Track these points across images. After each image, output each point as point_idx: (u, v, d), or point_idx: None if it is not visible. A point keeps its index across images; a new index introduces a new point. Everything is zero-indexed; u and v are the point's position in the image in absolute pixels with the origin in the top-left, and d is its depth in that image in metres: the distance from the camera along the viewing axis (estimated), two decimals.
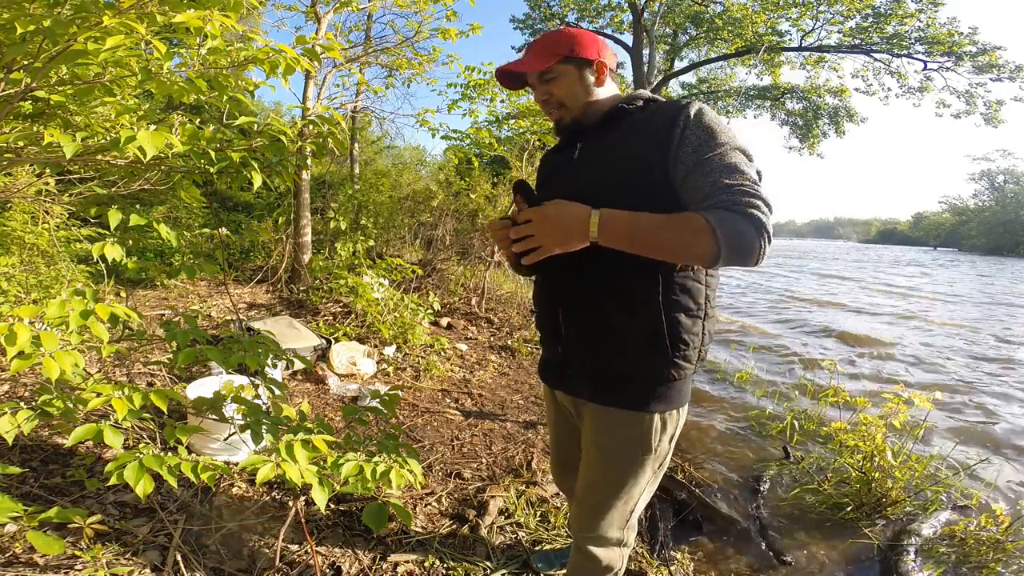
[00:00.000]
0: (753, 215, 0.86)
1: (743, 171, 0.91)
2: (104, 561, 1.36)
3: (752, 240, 0.85)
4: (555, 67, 1.09)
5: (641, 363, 1.05)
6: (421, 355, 3.70)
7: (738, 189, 0.88)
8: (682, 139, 0.95)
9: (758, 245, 0.86)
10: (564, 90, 1.10)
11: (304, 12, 4.91)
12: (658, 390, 1.07)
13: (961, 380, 4.49)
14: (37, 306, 1.00)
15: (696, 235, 0.86)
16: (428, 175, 8.68)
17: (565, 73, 1.09)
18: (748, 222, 0.85)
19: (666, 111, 1.01)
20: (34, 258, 3.61)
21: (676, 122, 0.96)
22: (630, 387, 1.08)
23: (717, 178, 0.90)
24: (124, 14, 0.99)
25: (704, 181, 0.91)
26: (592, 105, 1.11)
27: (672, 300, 1.02)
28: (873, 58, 14.02)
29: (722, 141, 0.94)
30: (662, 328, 1.02)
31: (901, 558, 1.94)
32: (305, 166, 2.05)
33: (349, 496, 1.88)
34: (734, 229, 0.85)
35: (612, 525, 1.20)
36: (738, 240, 0.85)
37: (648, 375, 1.06)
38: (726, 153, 0.93)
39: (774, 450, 2.86)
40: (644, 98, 1.10)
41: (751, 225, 0.85)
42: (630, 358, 1.06)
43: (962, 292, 11.97)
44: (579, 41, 1.08)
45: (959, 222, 54.86)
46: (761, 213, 0.86)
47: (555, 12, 15.82)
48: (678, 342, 1.03)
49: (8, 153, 1.19)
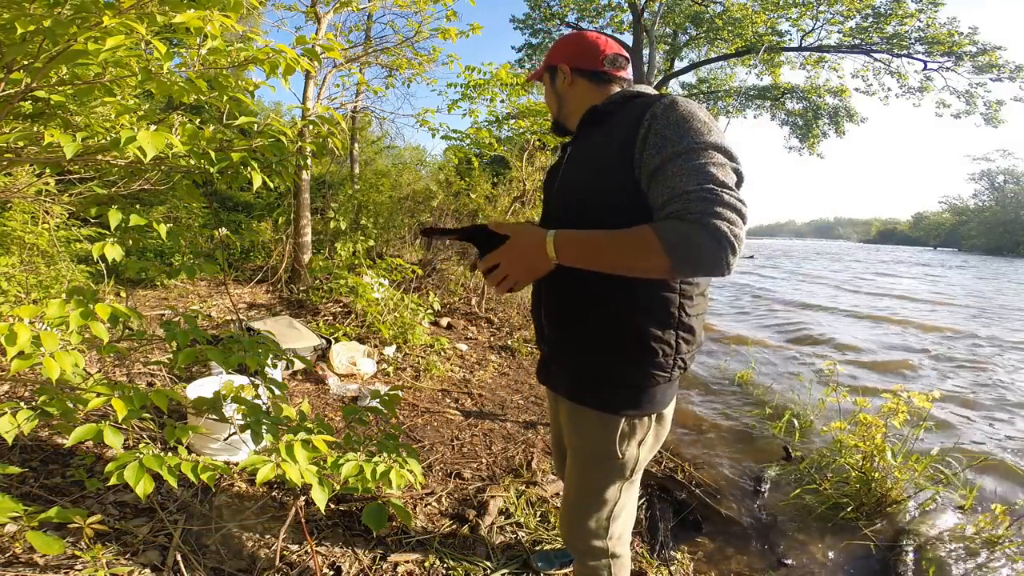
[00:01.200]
0: (709, 224, 0.78)
1: (708, 173, 0.83)
2: (104, 561, 1.36)
3: (711, 252, 0.78)
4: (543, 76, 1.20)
5: (611, 367, 1.05)
6: (421, 355, 3.70)
7: (696, 196, 0.80)
8: (645, 140, 0.90)
9: (719, 256, 0.78)
10: (545, 96, 1.23)
11: (304, 12, 4.91)
12: (626, 394, 1.07)
13: (963, 382, 4.49)
14: (37, 306, 1.00)
15: (646, 251, 0.82)
16: (428, 175, 8.68)
17: (545, 82, 1.20)
18: (704, 233, 0.78)
19: (636, 108, 0.98)
20: (34, 258, 3.61)
21: (642, 121, 0.92)
22: (600, 389, 1.09)
23: (676, 183, 0.84)
24: (124, 14, 0.99)
25: (664, 187, 0.86)
26: (567, 107, 1.17)
27: (641, 308, 1.00)
28: (873, 58, 14.02)
29: (689, 139, 0.87)
30: (625, 333, 1.01)
31: (899, 558, 1.95)
32: (305, 166, 2.05)
33: (349, 496, 1.88)
34: (686, 242, 0.79)
35: (589, 531, 1.19)
36: (693, 253, 0.79)
37: (619, 379, 1.06)
38: (691, 154, 0.85)
39: (774, 450, 2.86)
40: (628, 95, 1.07)
41: (707, 236, 0.78)
42: (601, 361, 1.06)
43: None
44: (553, 48, 1.18)
45: (959, 222, 54.85)
46: (721, 220, 0.78)
47: (555, 12, 15.82)
48: (647, 350, 1.02)
49: (8, 153, 1.19)
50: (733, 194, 0.81)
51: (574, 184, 1.07)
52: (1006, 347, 5.85)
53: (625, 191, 0.94)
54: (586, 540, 1.21)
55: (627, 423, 1.09)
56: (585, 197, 1.01)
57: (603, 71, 1.13)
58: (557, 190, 1.14)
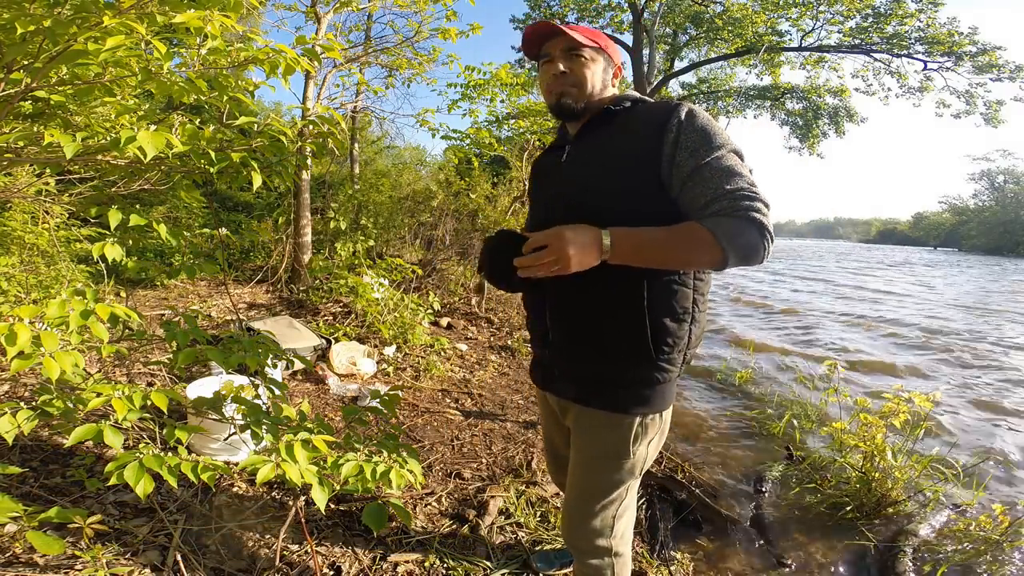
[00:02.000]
0: (755, 219, 0.90)
1: (741, 174, 0.93)
2: (104, 561, 1.36)
3: (756, 243, 0.90)
4: (590, 49, 1.11)
5: (625, 366, 1.06)
6: (421, 355, 3.70)
7: (739, 194, 0.91)
8: (677, 144, 0.96)
9: (762, 247, 0.91)
10: (589, 72, 1.10)
11: (304, 12, 4.91)
12: (640, 393, 1.08)
13: (965, 382, 4.49)
14: (37, 306, 1.00)
15: (702, 246, 0.91)
16: (428, 175, 8.69)
17: (595, 59, 1.12)
18: (751, 226, 0.90)
19: (656, 112, 1.02)
20: (34, 258, 3.61)
21: (668, 126, 0.97)
22: (612, 389, 1.09)
23: (718, 184, 0.92)
24: (124, 14, 0.99)
25: (704, 188, 0.94)
26: (596, 98, 1.14)
27: (657, 304, 1.02)
28: (873, 58, 14.01)
29: (718, 144, 0.95)
30: (646, 331, 1.02)
31: (898, 559, 1.95)
32: (305, 166, 2.05)
33: (349, 496, 1.88)
34: (739, 236, 0.90)
35: (594, 531, 1.19)
36: (743, 245, 0.90)
37: (631, 378, 1.06)
38: (723, 157, 0.95)
39: (774, 450, 2.86)
40: (632, 99, 1.11)
41: (754, 229, 0.90)
42: (614, 361, 1.06)
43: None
44: (611, 44, 1.16)
45: (959, 222, 54.83)
46: (762, 216, 0.90)
47: (555, 12, 15.81)
48: (662, 345, 1.03)
49: (8, 153, 1.19)
50: (762, 192, 0.93)
51: (585, 184, 1.06)
52: (1011, 347, 5.85)
53: (646, 191, 0.99)
54: (590, 539, 1.20)
55: (640, 423, 1.09)
56: (600, 197, 1.03)
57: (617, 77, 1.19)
58: (558, 190, 1.13)
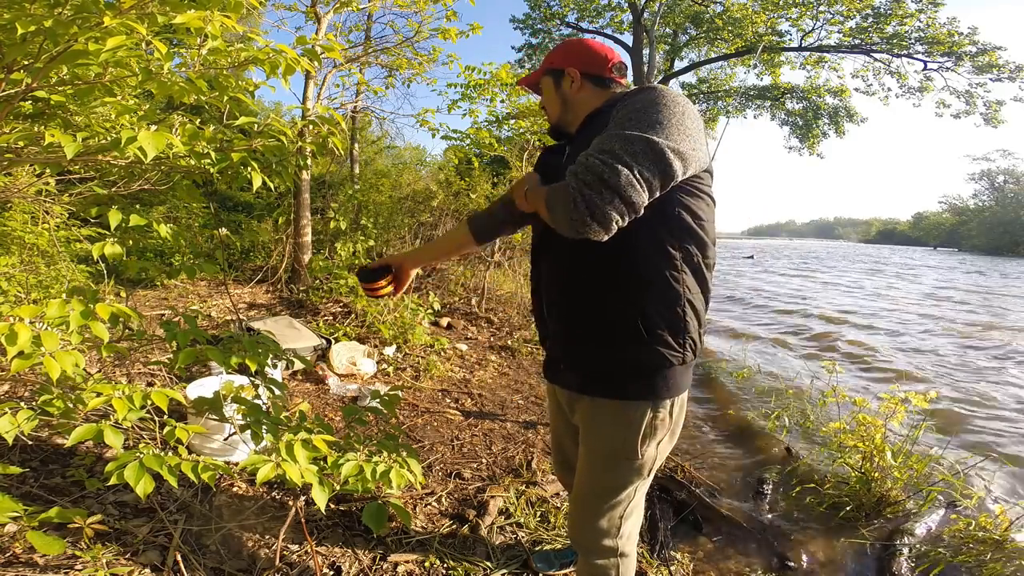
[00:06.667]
0: (573, 187, 0.85)
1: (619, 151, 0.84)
2: (104, 561, 1.36)
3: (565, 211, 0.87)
4: (541, 79, 1.22)
5: (623, 352, 1.04)
6: (421, 355, 3.70)
7: (583, 164, 0.86)
8: (614, 117, 0.94)
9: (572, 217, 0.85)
10: (545, 99, 1.23)
11: (304, 12, 4.91)
12: (642, 379, 1.06)
13: (966, 382, 4.49)
14: (37, 306, 1.00)
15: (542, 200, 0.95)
16: (428, 175, 8.68)
17: (545, 85, 1.21)
18: (564, 194, 0.87)
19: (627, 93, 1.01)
20: (34, 258, 3.61)
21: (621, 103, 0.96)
22: (613, 377, 1.08)
23: (594, 146, 0.88)
24: (124, 14, 0.99)
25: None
26: (571, 110, 1.17)
27: (642, 284, 1.01)
28: (873, 58, 14.02)
29: (636, 123, 0.88)
30: (634, 313, 1.01)
31: (894, 558, 1.95)
32: (305, 166, 2.05)
33: (349, 496, 1.88)
34: (554, 200, 0.91)
35: (601, 530, 1.19)
36: (555, 210, 0.90)
37: (632, 364, 1.05)
38: (625, 134, 0.87)
39: (775, 450, 2.86)
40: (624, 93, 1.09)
41: (567, 197, 0.86)
42: (609, 345, 1.05)
43: None
44: (557, 52, 1.19)
45: (959, 222, 54.82)
46: (586, 186, 0.83)
47: (555, 12, 15.81)
48: (655, 328, 1.02)
49: (8, 153, 1.19)
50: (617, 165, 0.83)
51: None
52: (1011, 348, 5.85)
53: None
54: (596, 539, 1.20)
55: (649, 418, 1.08)
56: None
57: (610, 77, 1.16)
58: None
